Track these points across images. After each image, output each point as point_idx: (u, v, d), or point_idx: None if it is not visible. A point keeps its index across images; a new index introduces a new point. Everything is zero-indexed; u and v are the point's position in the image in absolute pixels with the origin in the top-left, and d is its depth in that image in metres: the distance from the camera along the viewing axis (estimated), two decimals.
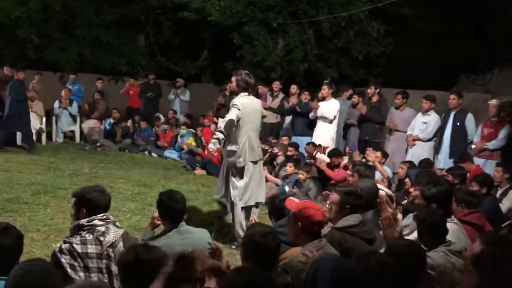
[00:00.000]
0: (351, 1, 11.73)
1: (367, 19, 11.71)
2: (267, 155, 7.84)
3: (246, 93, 4.94)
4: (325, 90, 8.01)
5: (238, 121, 4.82)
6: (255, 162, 4.99)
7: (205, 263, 2.09)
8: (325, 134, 7.85)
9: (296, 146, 7.64)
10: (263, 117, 5.28)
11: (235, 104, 4.84)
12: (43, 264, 2.15)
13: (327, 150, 7.22)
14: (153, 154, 10.34)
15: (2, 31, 12.56)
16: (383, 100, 8.07)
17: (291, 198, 3.13)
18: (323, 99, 8.10)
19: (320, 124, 7.97)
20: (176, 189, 3.55)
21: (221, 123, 5.04)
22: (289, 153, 7.38)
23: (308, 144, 7.65)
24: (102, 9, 13.36)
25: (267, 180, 7.19)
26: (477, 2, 9.62)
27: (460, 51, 13.45)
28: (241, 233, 4.86)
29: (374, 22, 11.80)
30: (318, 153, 7.15)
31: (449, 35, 14.13)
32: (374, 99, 7.98)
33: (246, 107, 4.86)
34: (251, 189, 4.98)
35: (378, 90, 8.04)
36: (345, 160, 6.72)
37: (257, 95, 10.27)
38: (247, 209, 5.09)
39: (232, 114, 4.79)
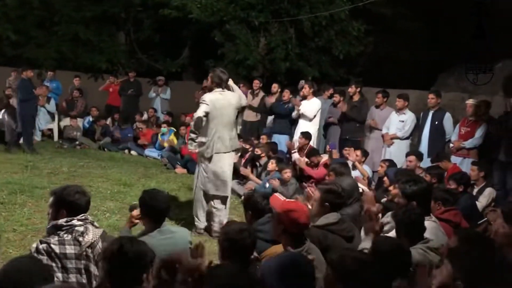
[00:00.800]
0: (332, 1, 11.80)
1: (348, 19, 11.81)
2: (247, 154, 7.84)
3: (220, 89, 5.20)
4: (306, 89, 8.06)
5: (207, 115, 5.10)
6: (224, 153, 5.25)
7: (187, 266, 2.09)
8: None
9: (274, 148, 7.67)
10: (242, 109, 5.57)
11: (204, 100, 5.15)
12: (32, 262, 2.15)
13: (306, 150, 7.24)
14: (133, 153, 10.25)
15: None
16: (364, 99, 8.14)
17: (277, 195, 3.12)
18: (304, 98, 8.14)
19: (301, 122, 8.01)
20: (151, 188, 3.52)
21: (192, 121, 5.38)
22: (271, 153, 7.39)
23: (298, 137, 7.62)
24: (82, 6, 13.20)
25: (248, 179, 7.22)
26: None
27: (441, 49, 13.69)
28: (200, 220, 5.43)
29: (354, 21, 11.90)
30: (295, 154, 7.20)
31: (429, 34, 14.36)
32: (355, 98, 8.05)
33: (217, 101, 5.13)
34: (220, 178, 5.28)
35: (359, 89, 8.11)
36: (325, 158, 6.75)
37: None
38: (207, 198, 5.40)
39: (199, 111, 5.10)
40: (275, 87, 9.41)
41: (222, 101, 5.17)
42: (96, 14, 13.31)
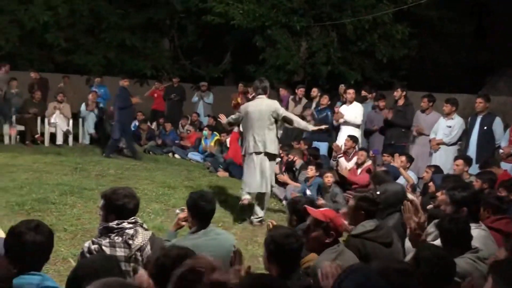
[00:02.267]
0: (375, 4, 11.65)
1: (392, 22, 11.61)
2: (285, 161, 7.83)
3: (261, 96, 5.91)
4: (350, 94, 7.97)
5: (239, 120, 6.06)
6: (256, 153, 5.85)
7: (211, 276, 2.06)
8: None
9: (315, 154, 7.59)
10: (276, 115, 5.91)
11: (240, 108, 6.13)
12: (106, 259, 2.22)
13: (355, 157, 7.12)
14: (177, 156, 10.46)
15: (31, 35, 12.90)
16: (409, 103, 7.95)
17: (307, 207, 3.13)
18: (346, 103, 8.08)
19: (343, 129, 7.93)
20: (198, 190, 3.58)
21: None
22: (305, 158, 7.34)
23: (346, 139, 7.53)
24: (128, 13, 13.59)
25: (287, 184, 7.20)
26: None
27: (489, 52, 13.22)
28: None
29: (398, 24, 11.69)
30: (341, 158, 7.12)
31: (476, 36, 13.91)
32: (400, 102, 7.88)
33: (249, 107, 5.93)
34: (248, 177, 5.94)
35: (404, 93, 7.94)
36: (369, 163, 6.65)
37: (279, 97, 10.35)
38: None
39: (232, 116, 6.24)
40: (314, 91, 9.37)
41: (255, 108, 5.86)
42: (141, 21, 13.69)
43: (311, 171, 6.75)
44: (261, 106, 5.85)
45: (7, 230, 3.48)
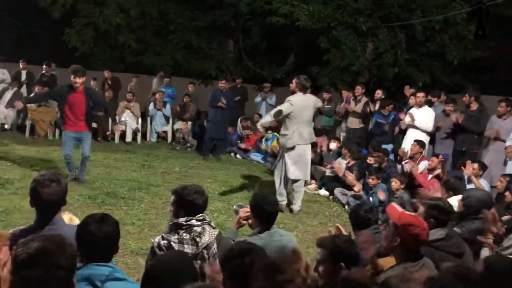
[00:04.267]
0: (446, 4, 11.15)
1: (464, 22, 11.06)
2: (350, 163, 7.68)
3: (302, 93, 6.36)
4: (419, 97, 7.68)
5: (289, 113, 6.25)
6: (300, 145, 6.34)
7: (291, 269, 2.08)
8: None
9: (386, 152, 7.33)
10: (318, 109, 6.90)
11: (290, 100, 6.33)
12: (180, 258, 2.26)
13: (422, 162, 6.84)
14: (238, 156, 10.58)
15: (105, 36, 13.60)
16: (483, 108, 7.53)
17: (394, 205, 2.99)
18: (412, 106, 7.80)
19: (410, 133, 7.66)
20: (260, 192, 3.60)
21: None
22: (378, 159, 7.13)
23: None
24: (195, 16, 13.94)
25: (350, 188, 7.06)
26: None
27: None
28: (281, 195, 6.45)
29: (471, 25, 11.11)
30: (407, 163, 6.87)
31: None
32: (473, 107, 7.48)
33: (299, 103, 6.28)
34: (299, 165, 6.38)
35: (474, 98, 7.53)
36: (438, 170, 6.37)
37: (341, 98, 10.20)
38: (291, 181, 6.50)
39: (282, 106, 6.33)
40: (378, 93, 9.13)
41: (303, 103, 6.32)
42: (207, 23, 14.00)
43: (372, 180, 6.56)
44: (308, 102, 6.42)
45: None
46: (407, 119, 7.75)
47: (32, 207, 2.63)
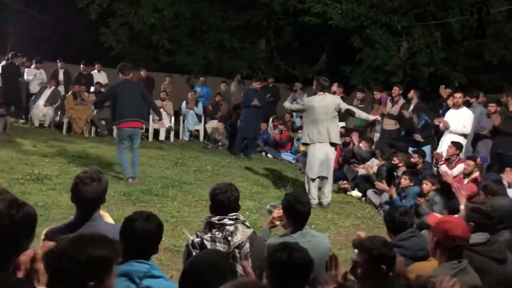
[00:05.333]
0: (485, 2, 10.84)
1: (505, 20, 10.73)
2: (380, 164, 7.57)
3: (322, 93, 6.67)
4: (457, 98, 7.48)
5: (302, 111, 6.94)
6: (320, 143, 6.58)
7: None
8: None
9: (423, 154, 7.17)
10: (339, 108, 6.68)
11: (303, 100, 7.21)
12: (219, 256, 2.28)
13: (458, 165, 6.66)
14: (269, 155, 10.58)
15: (139, 36, 13.84)
16: None
17: (434, 214, 2.97)
18: (448, 108, 7.62)
19: (447, 134, 7.46)
20: (292, 191, 3.58)
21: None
22: (412, 160, 6.98)
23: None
24: (228, 15, 14.02)
25: (381, 189, 6.94)
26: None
27: None
28: (313, 197, 6.59)
29: None
30: (442, 166, 6.70)
31: None
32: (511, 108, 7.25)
33: (314, 102, 6.63)
34: (311, 163, 6.66)
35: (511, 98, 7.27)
36: (477, 173, 6.18)
37: (374, 100, 10.03)
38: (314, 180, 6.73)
39: (293, 106, 7.43)
40: (411, 93, 8.93)
41: (319, 103, 6.58)
42: (240, 23, 14.06)
43: (404, 180, 6.42)
44: (325, 101, 6.61)
45: (115, 217, 3.76)
46: (441, 127, 7.58)
47: (72, 203, 2.69)
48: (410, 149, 7.70)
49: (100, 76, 12.36)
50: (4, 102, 10.44)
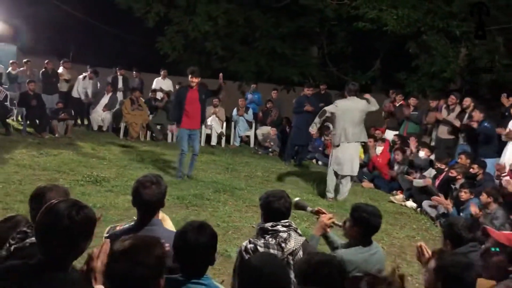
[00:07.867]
0: None
1: None
2: (442, 175, 7.29)
3: (353, 96, 7.13)
4: None
5: (333, 114, 7.10)
6: (349, 142, 7.06)
7: None
8: None
9: (483, 165, 6.84)
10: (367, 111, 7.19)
11: (336, 103, 7.31)
12: (276, 259, 2.30)
13: None
14: (320, 163, 10.47)
15: (193, 43, 14.14)
16: None
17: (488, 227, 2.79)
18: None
19: (511, 145, 7.11)
20: (361, 203, 3.45)
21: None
22: (472, 170, 6.68)
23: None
24: (280, 22, 14.04)
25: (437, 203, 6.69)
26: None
27: None
28: (330, 191, 7.32)
29: None
30: (505, 178, 6.37)
31: None
32: None
33: (345, 106, 7.09)
34: (342, 161, 7.12)
35: None
36: None
37: (429, 107, 9.67)
38: (337, 176, 7.30)
39: (328, 107, 7.25)
40: (467, 101, 8.51)
41: (349, 106, 7.05)
42: (292, 30, 14.05)
43: (464, 194, 6.16)
44: (358, 104, 7.08)
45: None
46: (503, 138, 7.21)
47: (134, 207, 2.76)
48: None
49: (163, 83, 12.76)
50: (65, 107, 10.97)
